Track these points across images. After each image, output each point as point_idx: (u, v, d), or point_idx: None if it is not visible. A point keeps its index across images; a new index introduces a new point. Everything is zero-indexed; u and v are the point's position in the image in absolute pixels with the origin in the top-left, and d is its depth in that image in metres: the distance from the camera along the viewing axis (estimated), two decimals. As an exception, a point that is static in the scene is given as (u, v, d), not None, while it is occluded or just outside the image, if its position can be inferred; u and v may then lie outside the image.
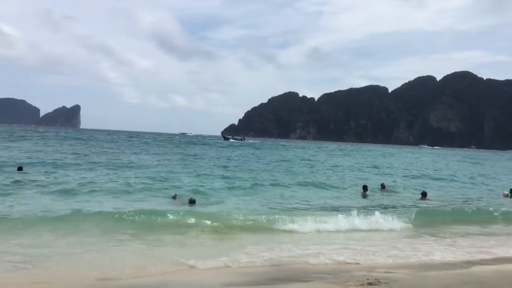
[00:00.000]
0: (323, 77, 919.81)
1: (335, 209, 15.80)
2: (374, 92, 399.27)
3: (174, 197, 16.51)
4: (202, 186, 20.83)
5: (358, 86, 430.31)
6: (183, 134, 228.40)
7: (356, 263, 9.22)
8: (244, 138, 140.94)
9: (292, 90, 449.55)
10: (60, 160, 29.38)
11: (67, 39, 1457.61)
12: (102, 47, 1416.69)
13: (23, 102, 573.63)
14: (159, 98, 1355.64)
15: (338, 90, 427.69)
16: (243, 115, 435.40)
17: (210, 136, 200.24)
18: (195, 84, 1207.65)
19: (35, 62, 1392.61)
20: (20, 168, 21.59)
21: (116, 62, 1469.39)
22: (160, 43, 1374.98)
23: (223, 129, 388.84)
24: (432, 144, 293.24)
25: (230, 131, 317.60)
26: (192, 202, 15.55)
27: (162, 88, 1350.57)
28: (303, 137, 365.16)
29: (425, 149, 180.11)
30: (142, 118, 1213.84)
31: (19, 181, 17.99)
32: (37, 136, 71.98)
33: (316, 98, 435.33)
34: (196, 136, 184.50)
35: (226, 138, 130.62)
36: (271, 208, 15.73)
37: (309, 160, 47.66)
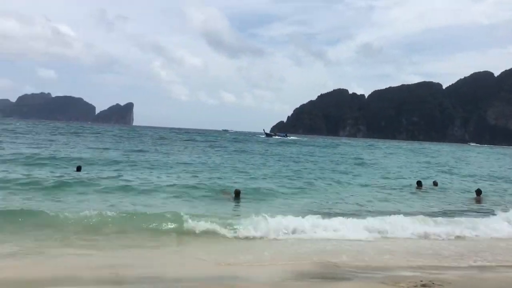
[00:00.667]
0: (373, 74, 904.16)
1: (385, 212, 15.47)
2: (427, 88, 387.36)
3: (224, 192, 16.94)
4: (252, 183, 20.92)
5: (410, 83, 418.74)
6: (225, 131, 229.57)
7: (402, 264, 9.06)
8: (287, 135, 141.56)
9: (341, 87, 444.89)
10: (118, 157, 30.17)
11: (120, 39, 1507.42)
12: (153, 46, 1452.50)
13: (80, 100, 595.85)
14: (208, 95, 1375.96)
15: (389, 87, 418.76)
16: (292, 112, 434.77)
17: (251, 133, 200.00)
18: (244, 81, 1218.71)
19: (91, 61, 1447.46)
20: (78, 168, 21.18)
21: (167, 60, 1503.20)
22: (210, 41, 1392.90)
23: (271, 126, 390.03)
24: (489, 142, 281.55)
25: (279, 129, 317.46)
26: (237, 194, 16.06)
27: (212, 85, 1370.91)
28: (352, 135, 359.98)
29: (482, 147, 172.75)
30: (192, 115, 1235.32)
31: (76, 178, 18.14)
32: (94, 133, 74.80)
33: (366, 95, 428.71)
34: (238, 133, 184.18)
35: (268, 135, 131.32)
36: (319, 209, 15.06)
37: (360, 158, 46.91)
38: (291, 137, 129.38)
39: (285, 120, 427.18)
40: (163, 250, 9.45)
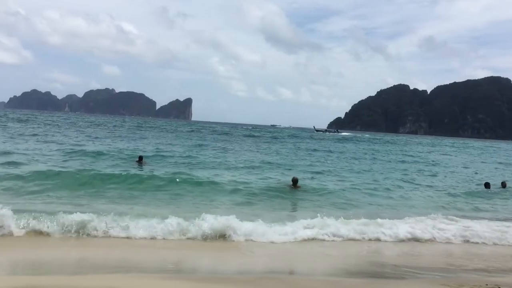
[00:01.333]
0: (436, 68, 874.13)
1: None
2: (495, 83, 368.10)
3: (287, 185, 17.03)
4: (314, 179, 20.56)
5: (476, 78, 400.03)
6: (273, 126, 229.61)
7: (465, 266, 8.80)
8: (338, 130, 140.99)
9: (402, 83, 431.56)
10: (183, 152, 30.51)
11: (180, 35, 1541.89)
12: (212, 42, 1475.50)
13: (142, 96, 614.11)
14: (266, 90, 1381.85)
15: (454, 82, 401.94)
16: (350, 108, 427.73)
17: (300, 128, 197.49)
18: (301, 76, 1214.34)
19: (152, 57, 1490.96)
20: (140, 158, 21.60)
21: (225, 56, 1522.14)
22: (267, 37, 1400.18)
23: (329, 122, 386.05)
24: None
25: (336, 124, 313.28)
26: (295, 182, 16.31)
27: (269, 80, 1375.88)
28: (413, 132, 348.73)
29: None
30: (249, 110, 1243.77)
31: (143, 174, 18.18)
32: (156, 128, 77.20)
33: (428, 91, 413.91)
34: (286, 128, 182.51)
35: (318, 131, 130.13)
36: (378, 210, 14.41)
37: (425, 156, 45.40)
38: (343, 133, 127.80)
39: (342, 116, 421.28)
40: (222, 248, 9.52)
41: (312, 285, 7.18)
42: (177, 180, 16.88)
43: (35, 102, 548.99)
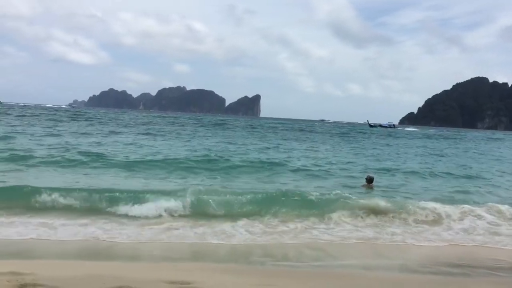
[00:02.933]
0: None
1: None
2: None
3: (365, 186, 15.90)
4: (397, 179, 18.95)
5: None
6: (322, 121, 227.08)
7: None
8: (394, 125, 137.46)
9: (480, 75, 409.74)
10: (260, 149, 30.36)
11: (248, 32, 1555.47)
12: (280, 38, 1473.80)
13: (211, 93, 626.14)
14: (334, 86, 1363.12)
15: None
16: (423, 103, 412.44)
17: (352, 123, 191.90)
18: (371, 71, 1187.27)
19: (221, 55, 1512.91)
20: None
21: (293, 52, 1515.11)
22: (336, 32, 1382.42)
23: (400, 118, 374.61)
24: None
25: (409, 120, 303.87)
26: (369, 181, 15.38)
27: (338, 76, 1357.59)
28: (492, 127, 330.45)
29: None
30: (317, 106, 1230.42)
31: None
32: (234, 126, 78.72)
33: (510, 84, 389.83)
34: (336, 123, 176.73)
35: (371, 126, 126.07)
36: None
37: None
38: (399, 128, 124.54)
39: (415, 111, 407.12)
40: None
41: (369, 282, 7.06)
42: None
43: (112, 101, 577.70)
